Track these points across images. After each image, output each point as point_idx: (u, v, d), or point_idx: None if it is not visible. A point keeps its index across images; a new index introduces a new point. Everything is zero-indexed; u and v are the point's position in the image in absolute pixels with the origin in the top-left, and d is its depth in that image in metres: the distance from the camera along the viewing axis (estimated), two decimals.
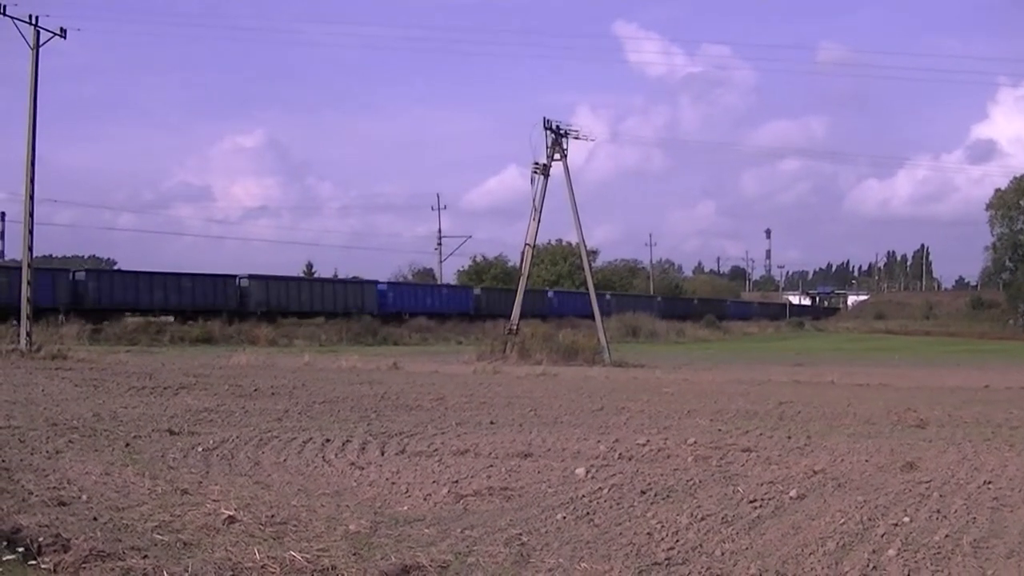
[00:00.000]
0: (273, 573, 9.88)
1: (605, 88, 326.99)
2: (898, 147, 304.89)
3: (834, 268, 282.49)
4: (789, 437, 20.68)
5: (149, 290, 75.84)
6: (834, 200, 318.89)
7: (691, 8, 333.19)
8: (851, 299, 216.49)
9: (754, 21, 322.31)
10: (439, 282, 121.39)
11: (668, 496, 14.11)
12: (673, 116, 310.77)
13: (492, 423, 22.77)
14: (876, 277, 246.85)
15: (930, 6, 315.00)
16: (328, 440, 19.04)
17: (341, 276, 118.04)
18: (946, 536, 11.63)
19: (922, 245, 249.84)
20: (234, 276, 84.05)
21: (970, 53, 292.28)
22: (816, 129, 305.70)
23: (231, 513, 12.19)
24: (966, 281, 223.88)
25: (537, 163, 56.54)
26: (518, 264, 71.61)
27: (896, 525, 12.17)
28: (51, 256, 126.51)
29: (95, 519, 11.92)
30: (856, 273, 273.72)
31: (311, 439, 19.16)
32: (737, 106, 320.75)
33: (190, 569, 9.81)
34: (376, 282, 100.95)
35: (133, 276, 79.09)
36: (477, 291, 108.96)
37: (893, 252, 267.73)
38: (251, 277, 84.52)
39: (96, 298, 72.49)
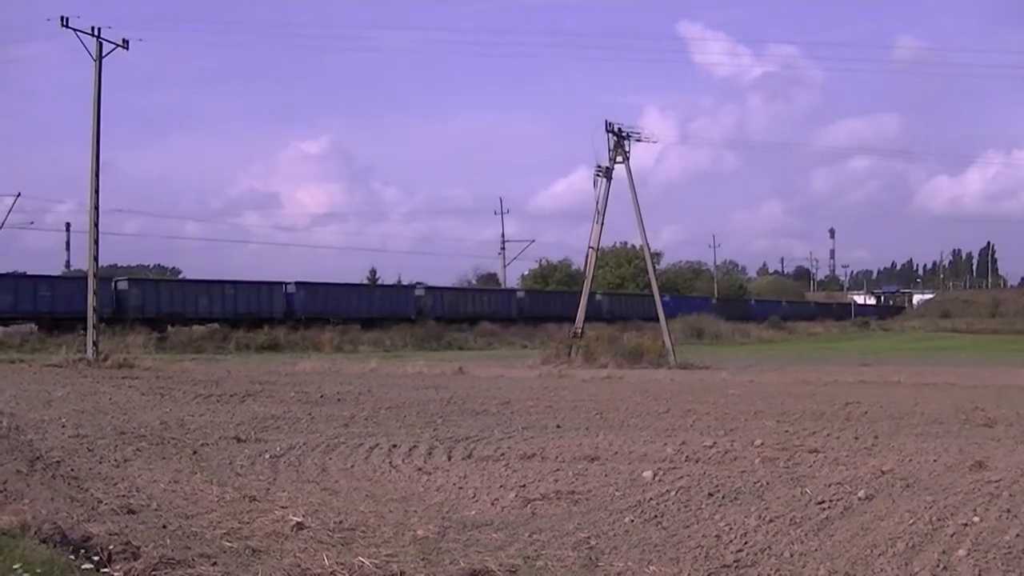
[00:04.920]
0: None
1: (672, 89, 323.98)
2: (970, 144, 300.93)
3: (898, 267, 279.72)
4: (856, 438, 20.54)
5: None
6: (902, 198, 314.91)
7: (755, 8, 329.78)
8: (916, 298, 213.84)
9: (820, 20, 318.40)
10: (503, 286, 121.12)
11: (736, 498, 14.07)
12: (742, 116, 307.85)
13: (558, 427, 22.75)
14: (941, 275, 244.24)
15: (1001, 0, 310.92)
16: (395, 446, 19.09)
17: (405, 282, 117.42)
18: (1017, 535, 11.52)
19: (988, 243, 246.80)
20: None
21: None
22: (887, 127, 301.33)
23: (299, 519, 12.27)
24: None
25: (600, 166, 56.08)
26: (582, 267, 71.31)
27: (966, 525, 12.07)
28: (116, 266, 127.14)
29: (164, 527, 12.03)
30: (921, 272, 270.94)
31: (378, 445, 19.22)
32: (806, 105, 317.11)
33: (259, 575, 9.87)
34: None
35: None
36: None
37: (958, 250, 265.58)
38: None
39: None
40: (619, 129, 56.37)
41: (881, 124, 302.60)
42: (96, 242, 48.43)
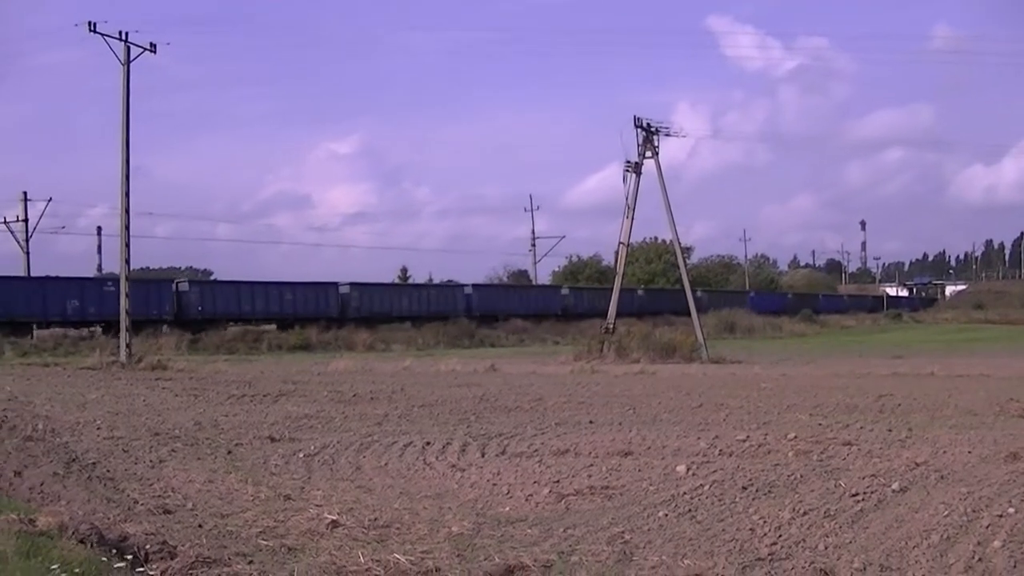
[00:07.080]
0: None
1: (703, 84, 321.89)
2: (1004, 133, 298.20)
3: (931, 258, 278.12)
4: (890, 430, 20.48)
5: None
6: (935, 189, 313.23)
7: (784, 1, 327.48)
8: (949, 289, 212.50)
9: (851, 11, 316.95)
10: (533, 283, 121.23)
11: (769, 491, 14.05)
12: (773, 110, 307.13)
13: (591, 422, 22.75)
14: (974, 266, 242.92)
15: None
16: (428, 443, 19.13)
17: (436, 280, 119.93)
18: None
19: (1022, 233, 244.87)
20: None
21: None
22: (921, 117, 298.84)
23: (334, 517, 12.32)
24: None
25: (629, 162, 56.01)
26: (612, 263, 71.15)
27: (1001, 516, 12.01)
28: (148, 268, 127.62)
29: (200, 526, 12.11)
30: (953, 263, 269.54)
31: (411, 442, 19.25)
32: (839, 97, 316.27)
33: (295, 573, 9.93)
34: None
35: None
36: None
37: (991, 240, 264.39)
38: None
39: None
40: (648, 124, 56.32)
41: (915, 115, 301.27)
42: (127, 245, 48.73)
